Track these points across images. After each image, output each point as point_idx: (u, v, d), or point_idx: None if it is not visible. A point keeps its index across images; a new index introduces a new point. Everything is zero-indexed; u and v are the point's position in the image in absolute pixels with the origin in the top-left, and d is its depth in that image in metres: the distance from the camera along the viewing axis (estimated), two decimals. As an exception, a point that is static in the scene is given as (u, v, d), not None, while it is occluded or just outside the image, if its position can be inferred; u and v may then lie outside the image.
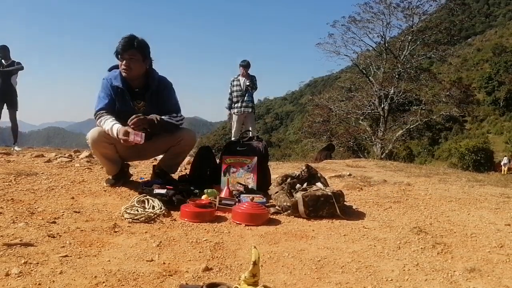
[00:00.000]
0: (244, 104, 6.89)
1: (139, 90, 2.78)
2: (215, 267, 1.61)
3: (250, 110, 6.97)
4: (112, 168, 2.87)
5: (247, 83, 6.84)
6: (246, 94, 6.88)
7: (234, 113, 7.04)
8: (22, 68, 6.70)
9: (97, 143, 2.68)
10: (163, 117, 2.70)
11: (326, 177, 2.90)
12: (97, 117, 2.72)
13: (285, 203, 2.42)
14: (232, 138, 7.01)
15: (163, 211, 2.28)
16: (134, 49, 2.67)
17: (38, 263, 1.53)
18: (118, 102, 2.74)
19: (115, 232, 1.97)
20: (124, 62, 2.68)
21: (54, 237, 1.83)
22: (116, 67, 2.80)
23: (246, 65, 6.83)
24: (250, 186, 2.77)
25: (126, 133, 2.50)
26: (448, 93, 20.29)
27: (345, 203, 2.54)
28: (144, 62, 2.73)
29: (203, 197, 2.51)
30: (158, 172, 3.00)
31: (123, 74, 2.72)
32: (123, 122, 2.59)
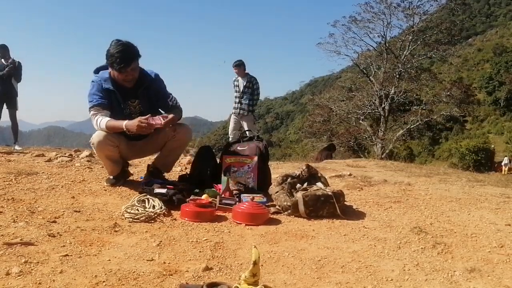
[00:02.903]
0: (240, 105, 6.83)
1: (131, 89, 2.76)
2: (215, 266, 1.61)
3: (246, 113, 6.87)
4: (115, 169, 2.89)
5: (245, 83, 6.80)
6: (244, 96, 6.82)
7: (232, 112, 7.04)
8: (20, 68, 6.65)
9: (103, 146, 2.68)
10: (169, 104, 2.86)
11: (326, 177, 2.89)
12: (93, 113, 2.68)
13: (285, 203, 2.42)
14: (229, 136, 6.99)
15: (164, 211, 2.28)
16: (134, 60, 2.65)
17: (38, 263, 1.53)
18: (111, 104, 2.73)
19: (116, 231, 1.97)
20: (126, 75, 2.65)
21: (54, 236, 1.83)
22: (103, 68, 2.78)
23: (237, 65, 6.71)
24: (250, 186, 2.77)
25: (138, 124, 2.53)
26: (448, 93, 20.25)
27: (345, 203, 2.54)
28: (139, 64, 2.73)
29: (204, 196, 2.51)
30: (152, 170, 3.00)
31: (128, 85, 2.72)
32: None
